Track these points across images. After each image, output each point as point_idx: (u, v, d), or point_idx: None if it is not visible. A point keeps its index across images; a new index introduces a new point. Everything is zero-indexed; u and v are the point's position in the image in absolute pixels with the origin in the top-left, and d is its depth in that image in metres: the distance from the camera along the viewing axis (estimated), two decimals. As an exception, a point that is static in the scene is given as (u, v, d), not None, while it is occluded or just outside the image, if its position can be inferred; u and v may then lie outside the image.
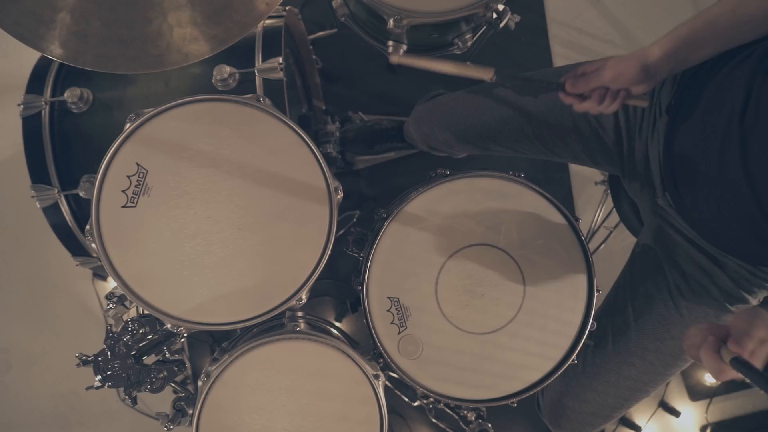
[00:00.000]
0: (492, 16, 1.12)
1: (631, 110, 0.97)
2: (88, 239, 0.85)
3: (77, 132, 1.19)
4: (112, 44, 0.84)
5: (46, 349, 1.89)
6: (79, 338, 1.88)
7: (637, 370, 1.03)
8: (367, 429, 0.93)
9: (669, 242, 0.98)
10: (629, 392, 1.06)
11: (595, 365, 1.07)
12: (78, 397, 1.89)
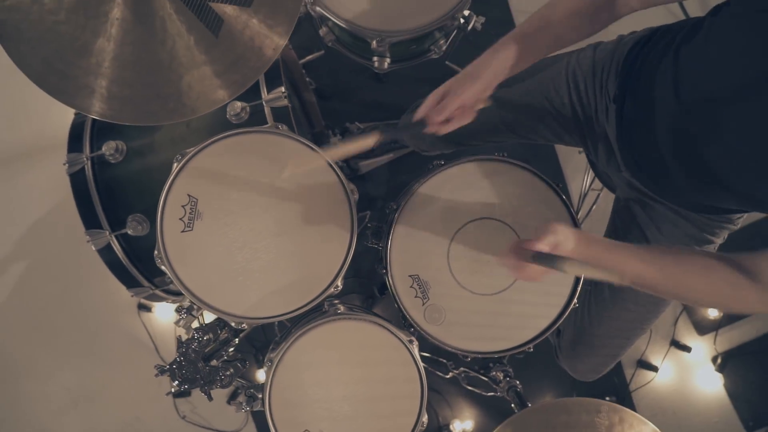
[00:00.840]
0: (460, 23, 1.31)
1: (584, 100, 1.14)
2: (157, 262, 1.04)
3: (117, 179, 1.38)
4: (151, 101, 1.03)
5: (104, 383, 2.09)
6: (133, 367, 2.07)
7: (634, 314, 1.20)
8: (410, 386, 1.12)
9: (640, 201, 1.16)
10: (631, 332, 1.23)
11: (598, 315, 1.24)
12: (141, 422, 2.08)
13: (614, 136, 1.06)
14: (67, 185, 1.80)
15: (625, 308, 1.18)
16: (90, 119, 1.44)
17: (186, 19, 0.99)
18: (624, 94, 1.01)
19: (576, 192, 1.93)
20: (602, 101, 1.10)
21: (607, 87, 1.08)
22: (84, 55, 1.00)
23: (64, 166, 1.45)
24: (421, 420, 1.11)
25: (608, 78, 1.08)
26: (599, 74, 1.10)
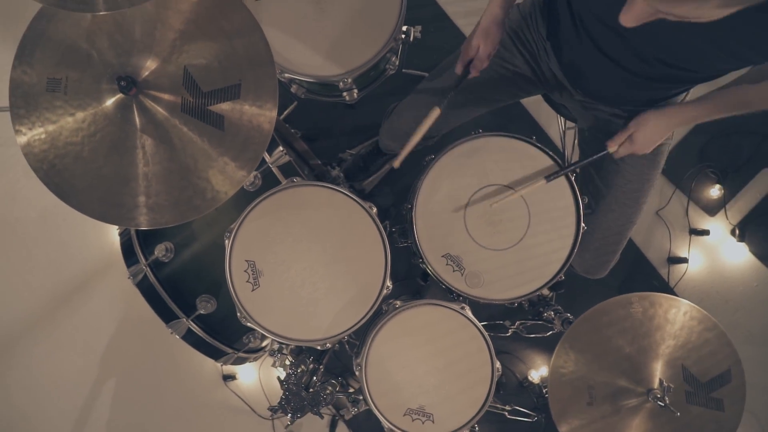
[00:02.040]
0: (402, 38, 1.54)
1: (530, 48, 1.37)
2: (243, 321, 1.27)
3: (175, 272, 1.61)
4: (188, 200, 1.26)
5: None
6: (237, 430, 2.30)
7: (619, 214, 1.41)
8: (476, 343, 1.33)
9: (596, 117, 1.38)
10: (621, 228, 1.44)
11: (593, 225, 1.46)
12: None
13: (557, 68, 1.29)
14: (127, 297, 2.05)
15: (611, 211, 1.39)
16: (134, 232, 1.69)
17: (194, 127, 1.23)
18: (553, 30, 1.24)
19: (556, 135, 2.15)
20: (540, 43, 1.32)
21: (538, 29, 1.30)
22: (126, 183, 1.24)
23: (129, 280, 1.70)
24: (495, 367, 1.33)
25: (537, 21, 1.30)
26: (529, 21, 1.33)
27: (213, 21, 1.23)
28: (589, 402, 1.25)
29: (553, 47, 1.28)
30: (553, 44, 1.27)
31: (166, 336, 2.27)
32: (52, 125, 1.22)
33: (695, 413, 1.23)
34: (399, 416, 1.31)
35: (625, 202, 1.38)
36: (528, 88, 1.46)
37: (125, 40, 1.21)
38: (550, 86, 1.41)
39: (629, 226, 1.43)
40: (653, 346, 1.23)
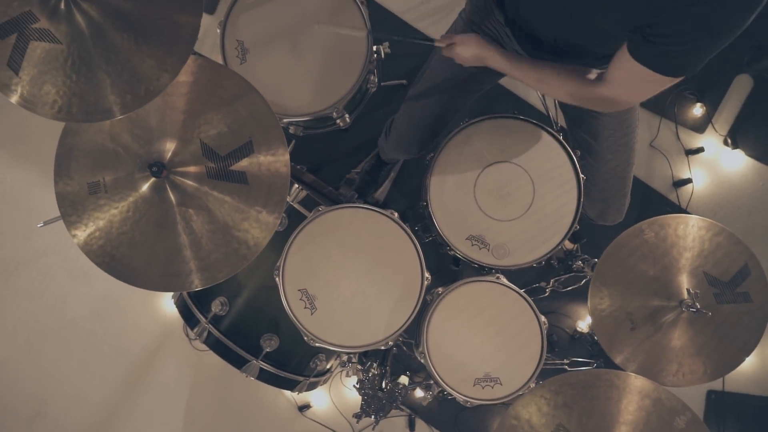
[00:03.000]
0: (375, 59, 1.71)
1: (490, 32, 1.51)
2: (312, 343, 1.43)
3: (235, 321, 1.77)
4: (231, 255, 1.42)
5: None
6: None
7: (615, 161, 1.55)
8: (518, 305, 1.48)
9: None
10: (623, 172, 1.58)
11: (592, 178, 1.60)
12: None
13: (520, 48, 1.45)
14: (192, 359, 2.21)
15: (607, 160, 1.54)
16: (188, 297, 1.86)
17: (223, 188, 1.39)
18: (510, 15, 1.39)
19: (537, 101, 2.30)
20: (501, 29, 1.48)
21: (496, 17, 1.46)
22: (178, 253, 1.40)
23: (190, 342, 1.87)
24: (541, 321, 1.47)
25: (493, 11, 1.46)
26: (488, 11, 1.49)
27: (212, 93, 1.40)
28: (632, 328, 1.39)
29: (512, 31, 1.43)
30: (512, 28, 1.42)
31: (238, 384, 2.44)
32: (102, 222, 1.39)
33: (727, 311, 1.37)
34: (470, 387, 1.46)
35: (617, 149, 1.52)
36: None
37: (144, 131, 1.39)
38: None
39: (629, 168, 1.57)
40: (673, 262, 1.37)
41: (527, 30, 1.37)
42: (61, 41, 1.21)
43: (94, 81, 1.23)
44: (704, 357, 1.37)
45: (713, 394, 2.33)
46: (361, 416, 1.59)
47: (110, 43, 1.22)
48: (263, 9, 1.62)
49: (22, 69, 1.22)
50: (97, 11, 1.20)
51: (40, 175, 2.51)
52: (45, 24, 1.20)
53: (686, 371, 1.38)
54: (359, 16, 1.62)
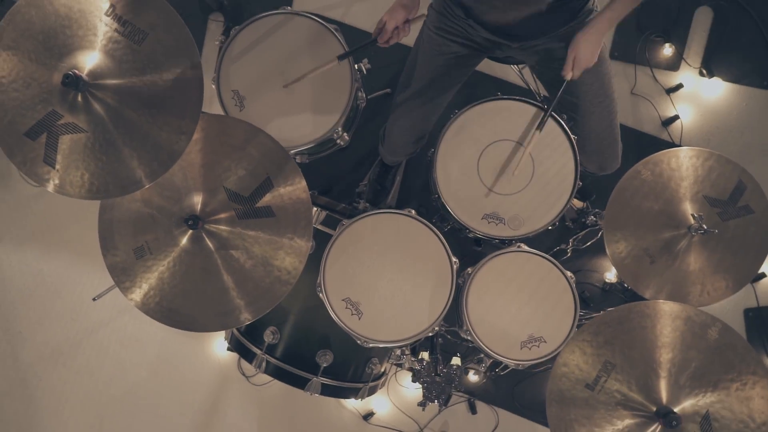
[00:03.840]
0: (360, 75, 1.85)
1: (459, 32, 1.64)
2: (366, 345, 1.56)
3: (289, 345, 1.89)
4: (274, 285, 1.55)
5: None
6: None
7: (599, 112, 1.67)
8: (544, 266, 1.61)
9: (537, 52, 1.66)
10: (609, 120, 1.70)
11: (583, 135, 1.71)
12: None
13: (488, 34, 1.58)
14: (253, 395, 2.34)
15: (591, 113, 1.66)
16: (239, 334, 1.99)
17: (254, 225, 1.53)
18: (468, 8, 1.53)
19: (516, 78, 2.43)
20: (463, 23, 1.61)
21: (456, 14, 1.59)
22: (226, 293, 1.54)
23: (253, 376, 2.00)
24: (568, 275, 1.60)
25: (452, 9, 1.60)
26: (446, 12, 1.62)
27: (224, 143, 1.55)
28: (651, 262, 1.51)
29: (476, 21, 1.57)
30: (474, 19, 1.56)
31: (301, 407, 2.57)
32: (153, 280, 1.54)
33: (733, 226, 1.48)
34: (517, 351, 1.58)
35: (599, 102, 1.64)
36: (474, 61, 1.75)
37: (172, 191, 1.53)
38: (490, 49, 1.70)
39: (614, 116, 1.69)
40: (673, 194, 1.49)
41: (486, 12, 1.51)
42: (86, 129, 1.36)
43: (120, 157, 1.38)
44: (723, 273, 1.49)
45: (750, 312, 2.43)
46: (425, 403, 1.71)
47: (128, 122, 1.37)
48: (248, 57, 1.77)
49: (57, 162, 1.37)
50: (110, 96, 1.35)
51: (73, 257, 2.66)
52: (68, 118, 1.35)
53: (710, 289, 1.49)
54: (336, 43, 1.76)
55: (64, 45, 1.35)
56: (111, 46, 1.35)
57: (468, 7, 1.55)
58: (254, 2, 2.57)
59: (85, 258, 2.63)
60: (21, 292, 2.68)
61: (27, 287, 2.68)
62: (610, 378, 1.28)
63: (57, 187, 1.40)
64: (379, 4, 2.53)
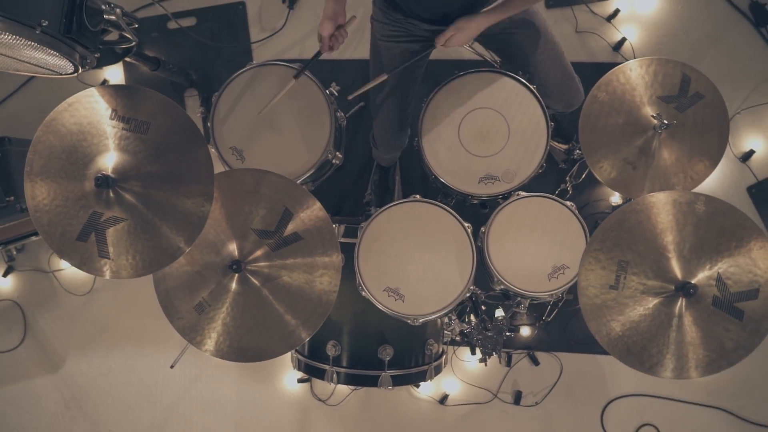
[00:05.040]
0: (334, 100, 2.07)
1: (398, 31, 1.86)
2: (415, 321, 1.76)
3: (351, 352, 2.08)
4: (321, 301, 1.77)
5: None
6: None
7: (548, 58, 1.87)
8: (545, 203, 1.81)
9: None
10: (559, 61, 1.90)
11: (541, 82, 1.90)
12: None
13: (430, 26, 1.79)
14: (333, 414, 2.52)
15: (541, 62, 1.84)
16: (305, 358, 2.19)
17: (290, 253, 1.74)
18: (405, 10, 1.74)
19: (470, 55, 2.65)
20: (404, 23, 1.82)
21: (396, 18, 1.80)
22: (281, 318, 1.74)
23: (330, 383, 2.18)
24: (569, 205, 1.79)
25: (391, 15, 1.81)
26: (386, 20, 1.84)
27: (239, 192, 1.76)
28: (633, 168, 1.70)
29: (415, 18, 1.79)
30: (413, 17, 1.78)
31: (382, 413, 2.76)
32: (219, 327, 1.75)
33: (691, 113, 1.67)
34: (547, 284, 1.78)
35: (544, 49, 1.84)
36: (427, 51, 1.96)
37: (209, 247, 1.75)
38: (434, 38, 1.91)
39: (562, 57, 1.89)
40: (631, 104, 1.69)
41: (420, 7, 1.72)
42: (125, 218, 1.58)
43: (160, 232, 1.60)
44: (697, 156, 1.67)
45: (752, 189, 2.60)
46: (485, 358, 1.89)
47: (157, 201, 1.59)
48: (234, 114, 2.00)
49: (110, 253, 1.60)
50: (136, 184, 1.58)
51: (133, 346, 2.89)
52: (108, 213, 1.58)
53: (692, 174, 1.68)
54: (303, 77, 1.99)
55: (85, 155, 1.58)
56: (123, 142, 1.58)
57: (404, 8, 1.76)
58: (219, 69, 2.82)
59: (143, 342, 2.87)
60: (99, 393, 2.91)
61: (102, 388, 2.91)
62: (628, 274, 1.47)
63: (114, 273, 1.61)
64: (328, 31, 2.78)
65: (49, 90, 2.91)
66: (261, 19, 2.86)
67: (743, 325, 1.43)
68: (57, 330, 2.95)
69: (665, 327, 1.46)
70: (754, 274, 1.43)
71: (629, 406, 2.67)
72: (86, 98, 1.60)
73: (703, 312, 1.44)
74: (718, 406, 2.62)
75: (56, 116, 1.60)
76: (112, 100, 1.59)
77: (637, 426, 2.66)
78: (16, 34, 1.41)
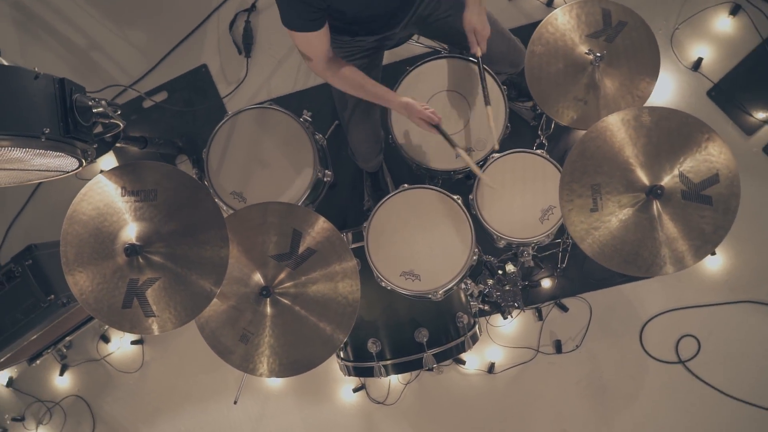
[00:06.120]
0: (309, 125, 2.29)
1: (353, 51, 2.08)
2: (435, 295, 1.95)
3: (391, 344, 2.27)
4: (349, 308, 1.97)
5: None
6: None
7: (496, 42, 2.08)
8: (521, 157, 2.00)
9: (414, 24, 2.08)
10: (496, 29, 2.08)
11: (490, 55, 2.10)
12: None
13: (375, 37, 2.00)
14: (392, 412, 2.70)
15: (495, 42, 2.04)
16: (351, 362, 2.38)
17: (307, 269, 1.94)
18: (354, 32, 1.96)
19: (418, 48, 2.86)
20: (354, 42, 2.03)
21: (346, 40, 2.01)
22: (317, 328, 1.94)
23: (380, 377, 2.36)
24: (537, 152, 1.99)
25: (339, 38, 2.02)
26: (338, 44, 2.04)
27: (249, 228, 1.96)
28: (585, 103, 1.90)
29: (362, 35, 2.00)
30: (360, 35, 1.99)
31: (436, 396, 2.92)
32: (266, 350, 1.94)
33: (620, 40, 1.84)
34: (541, 227, 1.98)
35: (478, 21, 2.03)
36: (379, 59, 2.18)
37: (237, 282, 1.95)
38: (383, 45, 2.13)
39: (497, 24, 2.06)
40: (566, 48, 1.88)
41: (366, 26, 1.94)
42: (159, 277, 1.79)
43: (191, 281, 1.80)
44: (637, 74, 1.86)
45: (711, 92, 2.77)
46: (508, 313, 2.08)
47: (181, 255, 1.79)
48: (225, 163, 2.23)
49: (154, 312, 1.81)
50: (159, 246, 1.78)
51: (195, 401, 3.09)
52: (143, 277, 1.79)
53: (637, 92, 1.87)
54: (278, 113, 2.21)
55: (109, 233, 1.80)
56: (138, 213, 1.79)
57: (348, 30, 1.97)
58: (201, 130, 3.06)
59: (204, 396, 3.07)
60: (177, 458, 3.11)
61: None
62: (603, 194, 1.65)
63: (161, 327, 1.81)
64: (288, 69, 3.03)
65: (55, 194, 3.16)
66: (225, 74, 3.10)
67: (714, 208, 1.61)
68: (122, 410, 3.15)
69: (649, 230, 1.64)
70: (710, 162, 1.61)
71: (663, 324, 2.82)
72: (96, 185, 1.82)
73: (677, 208, 1.63)
74: (744, 299, 2.76)
75: (75, 208, 1.82)
76: (119, 179, 1.81)
77: (677, 339, 2.81)
78: (25, 147, 1.64)
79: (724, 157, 1.61)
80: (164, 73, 3.14)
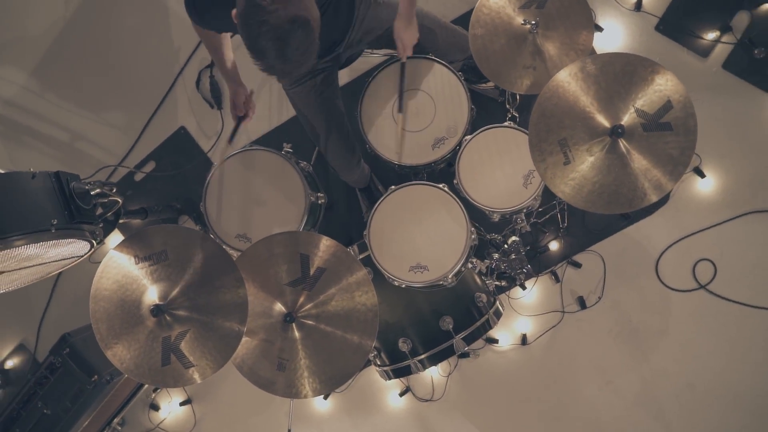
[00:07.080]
0: (291, 155, 2.43)
1: (304, 79, 2.22)
2: (445, 280, 2.06)
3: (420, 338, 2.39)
4: (368, 316, 2.09)
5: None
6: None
7: (427, 25, 2.21)
8: (501, 131, 2.13)
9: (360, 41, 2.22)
10: (437, 25, 2.24)
11: (433, 48, 2.24)
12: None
13: (322, 60, 2.13)
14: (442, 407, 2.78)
15: (424, 31, 2.15)
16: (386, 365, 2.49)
17: (324, 287, 2.06)
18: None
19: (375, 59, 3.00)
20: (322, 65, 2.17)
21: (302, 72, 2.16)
22: (345, 340, 2.06)
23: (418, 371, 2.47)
24: (509, 125, 2.11)
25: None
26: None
27: (258, 264, 2.08)
28: (534, 69, 2.02)
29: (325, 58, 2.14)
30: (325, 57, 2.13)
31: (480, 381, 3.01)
32: (304, 371, 2.06)
33: (550, 5, 1.97)
34: (526, 192, 2.09)
35: (420, 23, 2.12)
36: (333, 78, 2.31)
37: (260, 316, 2.06)
38: (335, 64, 2.27)
39: (436, 20, 2.24)
40: (502, 24, 2.00)
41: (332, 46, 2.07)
42: (188, 328, 1.92)
43: (218, 326, 1.92)
44: (575, 29, 1.98)
45: (659, 26, 2.89)
46: (521, 281, 2.19)
47: (202, 304, 1.92)
48: (224, 209, 2.37)
49: (192, 362, 1.93)
50: (181, 300, 1.90)
51: None
52: (173, 332, 1.92)
53: (580, 45, 1.99)
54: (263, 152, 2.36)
55: (134, 301, 1.93)
56: (154, 275, 1.93)
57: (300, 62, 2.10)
58: (194, 187, 3.19)
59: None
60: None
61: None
62: (571, 146, 1.77)
63: (202, 375, 1.93)
64: (261, 109, 3.18)
65: (73, 284, 3.32)
66: (203, 130, 3.26)
67: (675, 132, 1.73)
68: (188, 471, 3.27)
69: (622, 167, 1.76)
70: (659, 92, 1.73)
71: (675, 255, 2.91)
72: (111, 261, 1.95)
73: (641, 141, 1.74)
74: (744, 212, 2.85)
75: (97, 287, 1.95)
76: (130, 250, 1.94)
77: (692, 266, 2.89)
78: (39, 241, 1.78)
79: (671, 84, 1.72)
80: (147, 144, 3.30)
